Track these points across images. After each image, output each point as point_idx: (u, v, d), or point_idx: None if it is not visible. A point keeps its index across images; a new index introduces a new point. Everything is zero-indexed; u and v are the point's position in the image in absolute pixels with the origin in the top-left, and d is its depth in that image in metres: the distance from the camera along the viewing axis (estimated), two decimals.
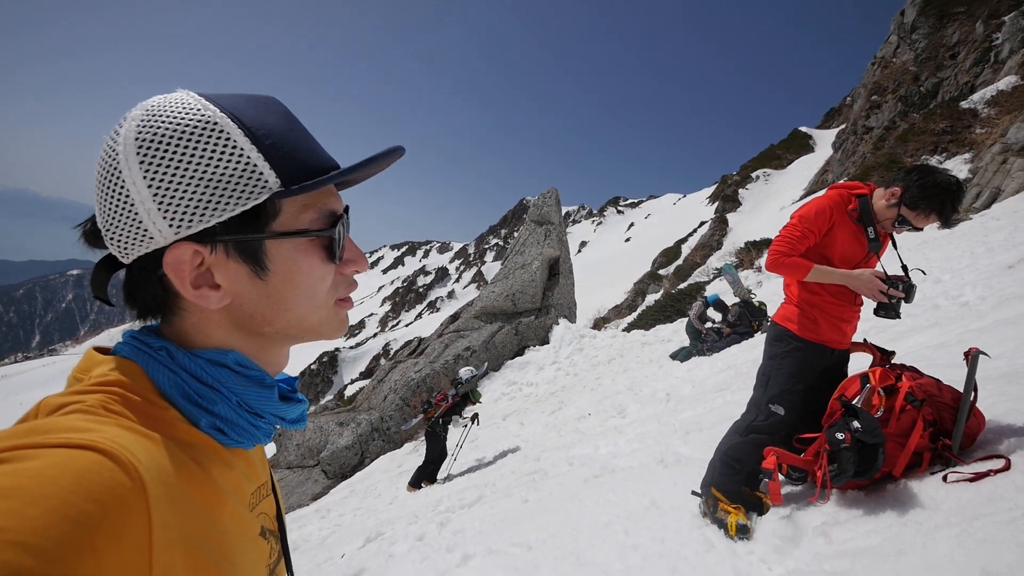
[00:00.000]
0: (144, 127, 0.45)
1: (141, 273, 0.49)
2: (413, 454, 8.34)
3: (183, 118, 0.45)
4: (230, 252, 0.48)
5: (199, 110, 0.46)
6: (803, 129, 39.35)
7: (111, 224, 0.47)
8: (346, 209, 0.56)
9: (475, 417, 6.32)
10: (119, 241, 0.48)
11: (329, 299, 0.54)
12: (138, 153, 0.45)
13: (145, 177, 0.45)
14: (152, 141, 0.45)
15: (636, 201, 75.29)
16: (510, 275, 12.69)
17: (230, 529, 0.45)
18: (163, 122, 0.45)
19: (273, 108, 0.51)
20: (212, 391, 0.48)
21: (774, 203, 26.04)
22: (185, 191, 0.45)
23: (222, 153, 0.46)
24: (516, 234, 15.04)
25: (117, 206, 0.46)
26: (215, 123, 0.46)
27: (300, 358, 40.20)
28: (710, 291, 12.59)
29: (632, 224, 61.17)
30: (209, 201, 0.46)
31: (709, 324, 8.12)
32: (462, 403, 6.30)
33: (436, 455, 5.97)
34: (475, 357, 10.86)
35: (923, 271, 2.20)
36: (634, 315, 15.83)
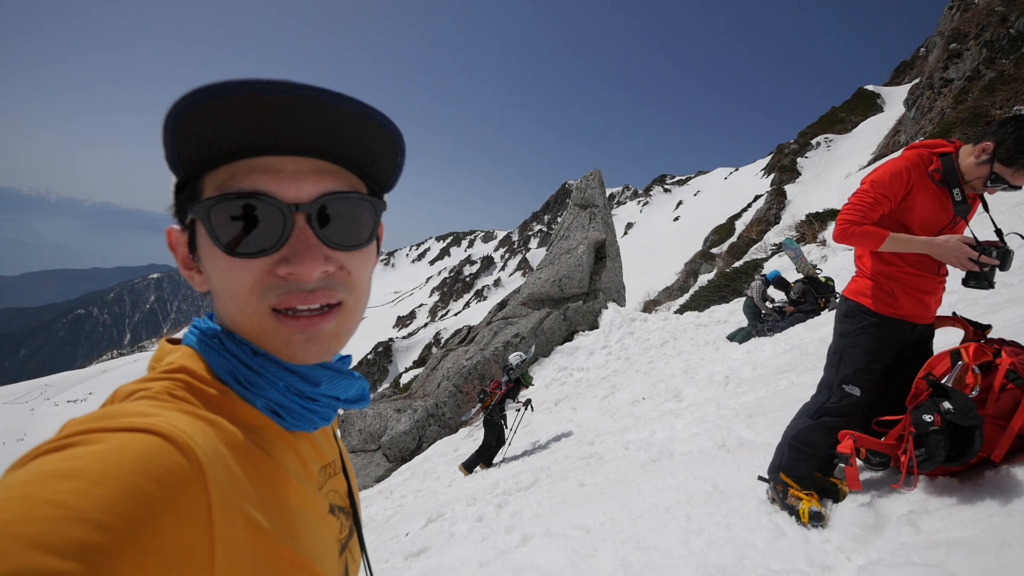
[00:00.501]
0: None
1: None
2: (468, 439, 8.55)
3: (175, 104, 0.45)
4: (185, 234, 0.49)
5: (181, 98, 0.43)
6: (870, 88, 36.09)
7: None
8: (325, 200, 0.46)
9: (528, 402, 6.37)
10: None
11: (254, 303, 0.46)
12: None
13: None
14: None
15: (684, 178, 72.23)
16: (556, 261, 12.60)
17: (295, 507, 0.46)
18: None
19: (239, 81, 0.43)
20: (258, 376, 0.48)
21: (838, 170, 24.15)
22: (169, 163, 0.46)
23: (165, 136, 0.43)
24: (560, 219, 14.86)
25: None
26: (169, 112, 0.42)
27: (357, 347, 42.10)
28: (769, 268, 11.93)
29: (680, 202, 58.84)
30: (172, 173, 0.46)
31: (770, 303, 7.70)
32: (516, 388, 6.38)
33: (493, 441, 6.09)
34: (524, 343, 10.92)
35: (1021, 235, 1.96)
36: (686, 296, 15.31)
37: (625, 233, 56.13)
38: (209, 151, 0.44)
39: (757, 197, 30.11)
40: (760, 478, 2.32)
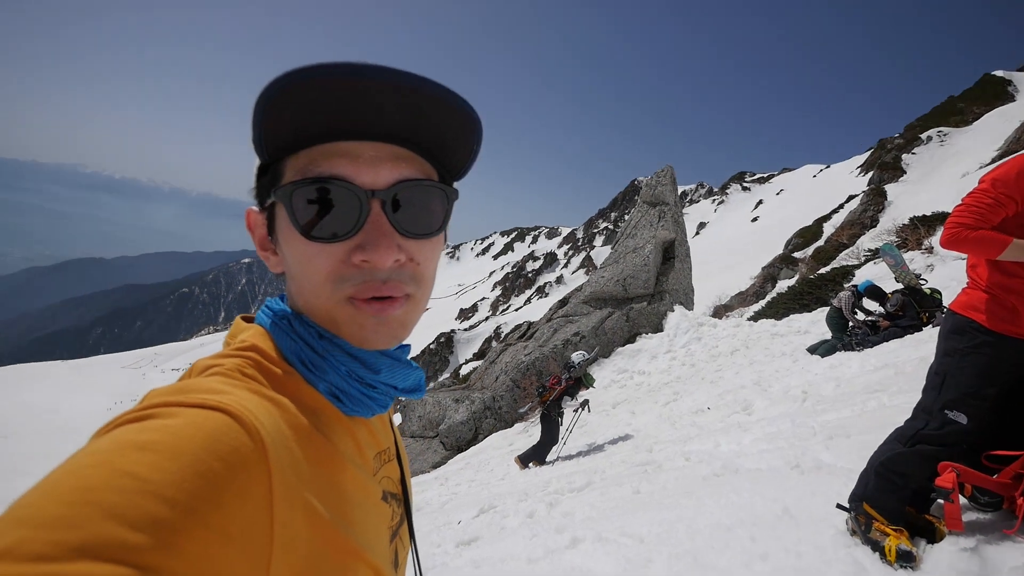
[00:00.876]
0: None
1: None
2: (523, 434, 8.59)
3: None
4: (264, 219, 0.51)
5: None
6: (998, 73, 31.50)
7: None
8: (401, 188, 0.47)
9: (586, 403, 6.26)
10: None
11: (330, 289, 0.47)
12: None
13: None
14: None
15: (765, 176, 67.40)
16: (621, 259, 12.27)
17: (350, 492, 0.47)
18: None
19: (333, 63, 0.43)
20: (323, 360, 0.49)
21: (952, 168, 21.32)
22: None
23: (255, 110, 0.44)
24: (627, 217, 14.45)
25: None
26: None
27: (420, 337, 43.76)
28: (861, 277, 10.85)
29: (760, 202, 55.03)
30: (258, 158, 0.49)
31: (861, 315, 6.99)
32: (575, 387, 6.26)
33: (549, 438, 6.06)
34: (584, 343, 10.76)
35: None
36: (762, 303, 14.32)
37: (697, 233, 53.45)
38: (294, 134, 0.45)
39: (851, 197, 27.44)
40: (840, 506, 2.11)
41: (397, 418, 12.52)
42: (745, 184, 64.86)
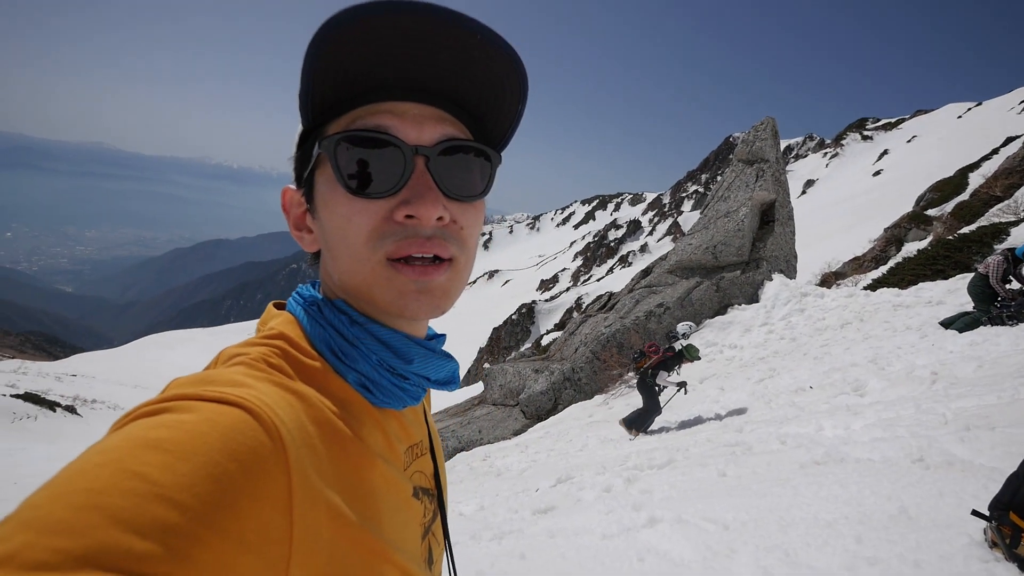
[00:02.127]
0: None
1: None
2: (603, 406, 8.50)
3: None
4: (305, 191, 0.49)
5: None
6: None
7: None
8: (446, 146, 0.45)
9: (683, 385, 5.88)
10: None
11: (370, 251, 0.44)
12: None
13: None
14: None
15: (892, 121, 57.96)
16: (711, 224, 11.38)
17: (378, 490, 0.45)
18: None
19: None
20: (353, 348, 0.47)
21: None
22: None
23: (302, 74, 0.43)
24: (719, 178, 13.26)
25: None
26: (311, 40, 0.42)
27: (503, 308, 44.80)
28: (1019, 238, 9.04)
29: (885, 152, 47.61)
30: (300, 121, 0.47)
31: (1017, 284, 5.82)
32: (675, 359, 5.89)
33: (652, 404, 5.86)
34: (668, 314, 10.26)
35: None
36: (883, 269, 12.54)
37: (803, 192, 47.74)
38: (345, 85, 0.44)
39: (1009, 140, 22.75)
40: (977, 513, 1.77)
41: (479, 387, 13.05)
42: (866, 132, 56.29)
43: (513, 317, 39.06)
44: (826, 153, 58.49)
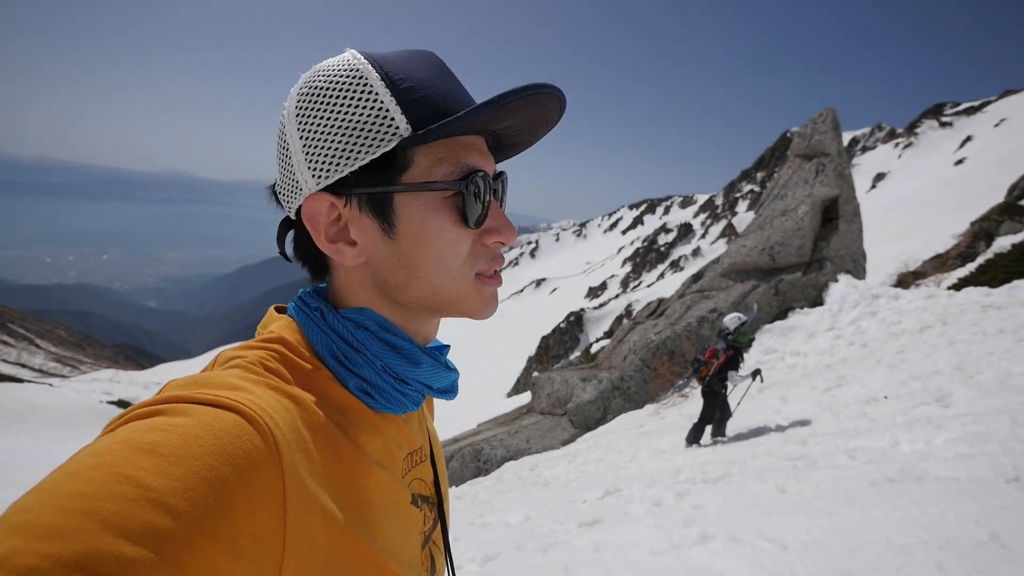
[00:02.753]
0: (305, 84, 0.48)
1: (300, 228, 0.51)
2: (654, 416, 8.21)
3: (334, 71, 0.47)
4: (363, 206, 0.47)
5: (349, 62, 0.47)
6: None
7: (279, 179, 0.51)
8: (500, 176, 0.53)
9: (757, 373, 5.51)
10: (283, 195, 0.51)
11: (466, 270, 0.49)
12: (297, 107, 0.47)
13: (299, 129, 0.47)
14: (308, 96, 0.47)
15: (975, 105, 52.70)
16: (766, 224, 10.80)
17: (374, 497, 0.44)
18: (319, 77, 0.47)
19: (424, 58, 0.49)
20: (357, 354, 0.47)
21: None
22: (326, 140, 0.46)
23: (359, 99, 0.45)
24: (775, 175, 12.57)
25: (282, 160, 0.50)
26: (357, 70, 0.46)
27: (551, 317, 44.54)
28: None
29: (968, 139, 43.30)
30: (344, 149, 0.46)
31: None
32: (736, 357, 5.54)
33: (711, 414, 5.57)
34: (722, 320, 9.80)
35: None
36: (971, 267, 11.38)
37: (873, 186, 44.19)
38: (457, 129, 0.46)
39: None
40: None
41: (526, 396, 12.99)
42: (944, 119, 51.48)
43: (561, 325, 38.72)
44: (898, 143, 54.05)
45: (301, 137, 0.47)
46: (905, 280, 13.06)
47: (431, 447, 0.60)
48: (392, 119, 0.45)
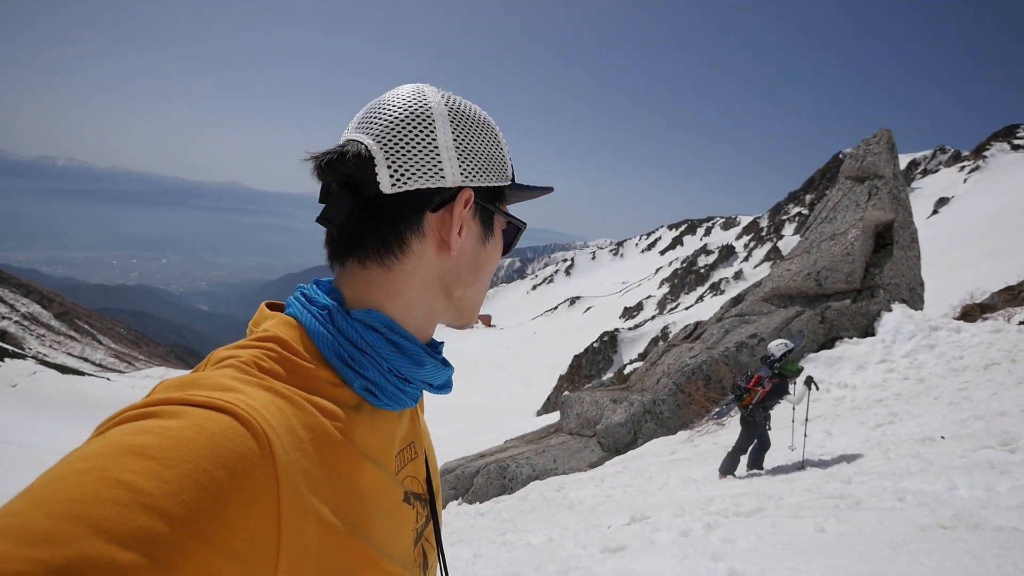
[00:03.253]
0: (452, 105, 0.56)
1: (393, 207, 0.51)
2: (687, 443, 7.91)
3: (475, 111, 0.58)
4: (476, 213, 0.56)
5: (481, 112, 0.60)
6: None
7: (405, 157, 0.51)
8: None
9: (810, 380, 5.21)
10: (405, 171, 0.51)
11: (488, 283, 0.61)
12: (449, 115, 0.55)
13: (453, 133, 0.55)
14: (459, 112, 0.56)
15: None
16: (813, 248, 10.35)
17: (369, 496, 0.45)
18: (466, 106, 0.58)
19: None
20: (363, 355, 0.48)
21: None
22: (476, 152, 0.56)
23: (493, 141, 0.58)
24: (825, 198, 12.07)
25: (420, 144, 0.52)
26: (488, 122, 0.60)
27: (585, 335, 43.92)
28: None
29: None
30: (488, 167, 0.57)
31: None
32: (782, 384, 5.31)
33: (748, 443, 5.34)
34: (763, 346, 9.39)
35: None
36: None
37: (935, 212, 41.52)
38: (511, 196, 0.64)
39: None
40: None
41: (555, 415, 12.77)
42: (1017, 140, 48.18)
43: (595, 345, 38.13)
44: (964, 166, 50.86)
45: (455, 139, 0.54)
46: (971, 312, 12.12)
47: (424, 444, 0.61)
48: (508, 165, 0.60)
